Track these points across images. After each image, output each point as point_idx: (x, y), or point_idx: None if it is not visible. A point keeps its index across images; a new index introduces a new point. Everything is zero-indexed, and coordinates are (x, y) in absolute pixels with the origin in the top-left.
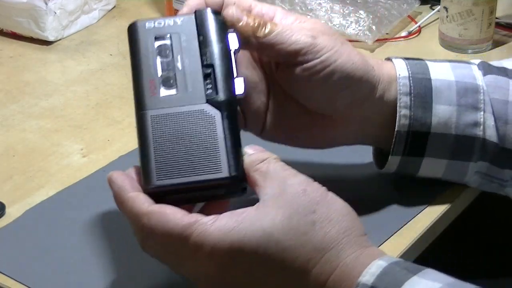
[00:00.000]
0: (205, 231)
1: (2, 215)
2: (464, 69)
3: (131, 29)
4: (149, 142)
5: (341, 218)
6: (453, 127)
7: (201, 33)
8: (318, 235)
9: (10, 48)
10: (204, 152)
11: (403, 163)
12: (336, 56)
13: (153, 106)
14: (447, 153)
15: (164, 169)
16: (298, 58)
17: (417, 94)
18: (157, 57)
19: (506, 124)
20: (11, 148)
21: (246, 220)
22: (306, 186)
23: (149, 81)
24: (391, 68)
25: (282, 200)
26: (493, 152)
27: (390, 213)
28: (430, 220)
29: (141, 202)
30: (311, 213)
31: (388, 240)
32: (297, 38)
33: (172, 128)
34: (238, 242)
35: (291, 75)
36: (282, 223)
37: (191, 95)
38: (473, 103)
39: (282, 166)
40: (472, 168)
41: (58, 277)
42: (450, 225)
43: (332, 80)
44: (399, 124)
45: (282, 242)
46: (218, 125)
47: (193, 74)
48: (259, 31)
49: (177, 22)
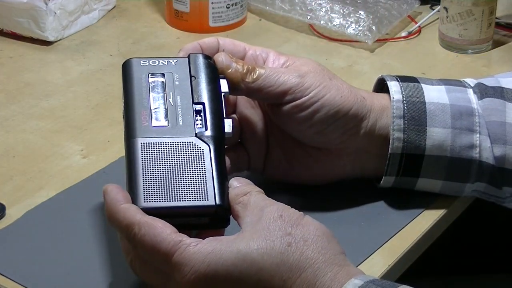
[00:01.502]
0: (187, 252)
1: (2, 216)
2: (458, 93)
3: (125, 65)
4: (138, 167)
5: (316, 238)
6: (448, 149)
7: (194, 74)
8: (294, 255)
9: (10, 48)
10: (192, 180)
11: (398, 182)
12: (324, 92)
13: (144, 135)
14: (443, 174)
15: (151, 192)
16: (286, 98)
17: (411, 117)
18: (150, 91)
19: (505, 145)
20: (11, 149)
21: (224, 243)
22: (282, 211)
23: (141, 112)
24: (383, 97)
25: (259, 225)
26: (490, 174)
27: (388, 216)
28: (428, 224)
29: (133, 212)
30: (286, 235)
31: (385, 244)
32: (285, 80)
33: (161, 156)
34: (215, 263)
35: (281, 113)
36: (257, 244)
37: (182, 128)
38: (468, 126)
39: (263, 197)
40: (469, 188)
41: (58, 279)
42: (448, 229)
43: (322, 114)
44: (392, 147)
45: (257, 262)
46: (206, 157)
47: (184, 110)
48: (247, 77)
49: (171, 62)
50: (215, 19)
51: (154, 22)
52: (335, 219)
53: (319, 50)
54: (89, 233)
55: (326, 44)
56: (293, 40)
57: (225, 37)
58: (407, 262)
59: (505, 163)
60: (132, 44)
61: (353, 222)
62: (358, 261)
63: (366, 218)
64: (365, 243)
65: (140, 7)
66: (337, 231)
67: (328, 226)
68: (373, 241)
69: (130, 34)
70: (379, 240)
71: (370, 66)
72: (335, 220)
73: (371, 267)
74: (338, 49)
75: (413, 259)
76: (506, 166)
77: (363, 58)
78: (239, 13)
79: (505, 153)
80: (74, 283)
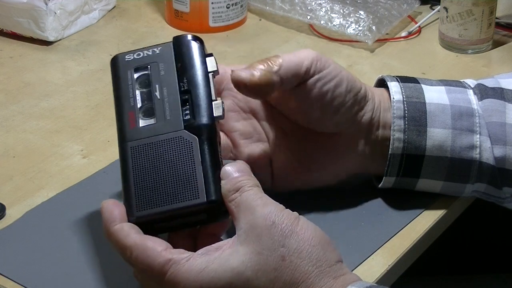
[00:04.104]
0: (178, 271)
1: (2, 216)
2: (459, 93)
3: (112, 62)
4: (129, 174)
5: (311, 249)
6: (448, 150)
7: (179, 59)
8: (288, 270)
9: (10, 48)
10: (182, 179)
11: (398, 183)
12: (339, 68)
13: (133, 138)
14: (443, 175)
15: (143, 200)
16: (311, 72)
17: (411, 117)
18: (136, 88)
19: (505, 146)
20: (11, 149)
21: (216, 261)
22: (274, 217)
23: (129, 113)
24: (382, 90)
25: (252, 236)
26: (491, 174)
27: (388, 216)
28: (428, 224)
29: (124, 234)
30: (280, 247)
31: (385, 244)
32: (305, 54)
33: (151, 158)
34: (208, 283)
35: (305, 90)
36: (251, 261)
37: (170, 122)
38: (468, 126)
39: (254, 195)
40: (469, 188)
41: (58, 279)
42: (448, 229)
43: (342, 89)
44: (392, 147)
45: (252, 281)
46: (195, 150)
47: (171, 102)
48: (273, 68)
49: (156, 51)
50: (215, 19)
51: (154, 22)
52: (335, 219)
53: (319, 50)
54: (89, 233)
55: (326, 44)
56: (293, 40)
57: (225, 37)
58: (407, 262)
59: (505, 163)
60: (132, 44)
61: (353, 222)
62: (358, 261)
63: (366, 218)
64: (365, 243)
65: (140, 7)
66: (337, 231)
67: (327, 226)
68: (373, 241)
69: (130, 34)
70: (379, 240)
71: (370, 66)
72: (335, 220)
73: (371, 267)
74: (338, 49)
75: (413, 259)
76: (506, 166)
77: (363, 58)
78: (239, 13)
79: (505, 153)
80: (74, 283)
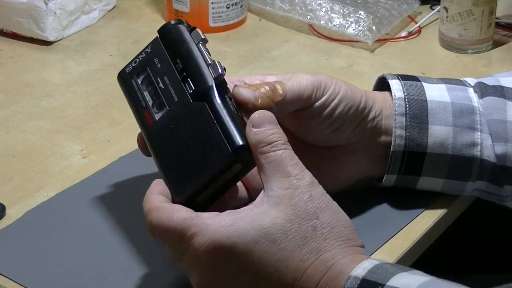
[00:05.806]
0: (203, 224)
1: (2, 216)
2: (459, 91)
3: (118, 79)
4: (163, 165)
5: (343, 229)
6: (449, 147)
7: (168, 46)
8: (317, 239)
9: (10, 48)
10: (205, 145)
11: (399, 181)
12: (338, 88)
13: (154, 132)
14: (444, 172)
15: (178, 182)
16: (311, 101)
17: (412, 114)
18: (143, 90)
19: (506, 143)
20: (11, 149)
21: (245, 217)
22: (312, 191)
23: (144, 114)
24: (384, 93)
25: (287, 204)
26: (492, 172)
27: (388, 216)
28: (428, 224)
29: (155, 199)
30: (314, 218)
31: (385, 244)
32: (307, 83)
33: (174, 142)
34: (235, 237)
35: (304, 117)
36: (282, 225)
37: (179, 103)
38: (469, 124)
39: (290, 159)
40: (470, 186)
41: (58, 279)
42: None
43: (340, 110)
44: (394, 145)
45: (279, 242)
46: (207, 115)
47: (174, 85)
48: (276, 97)
49: (148, 50)
50: (215, 19)
51: (154, 22)
52: None
53: (319, 50)
54: (89, 233)
55: (326, 44)
56: (293, 40)
57: (225, 37)
58: (407, 262)
59: (506, 161)
60: (132, 44)
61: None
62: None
63: (366, 218)
64: (365, 243)
65: (140, 7)
66: None
67: None
68: (373, 241)
69: (130, 34)
70: (379, 240)
71: (370, 66)
72: None
73: None
74: (338, 49)
75: (413, 259)
76: (508, 164)
77: (363, 58)
78: (239, 13)
79: (506, 151)
80: (74, 283)
